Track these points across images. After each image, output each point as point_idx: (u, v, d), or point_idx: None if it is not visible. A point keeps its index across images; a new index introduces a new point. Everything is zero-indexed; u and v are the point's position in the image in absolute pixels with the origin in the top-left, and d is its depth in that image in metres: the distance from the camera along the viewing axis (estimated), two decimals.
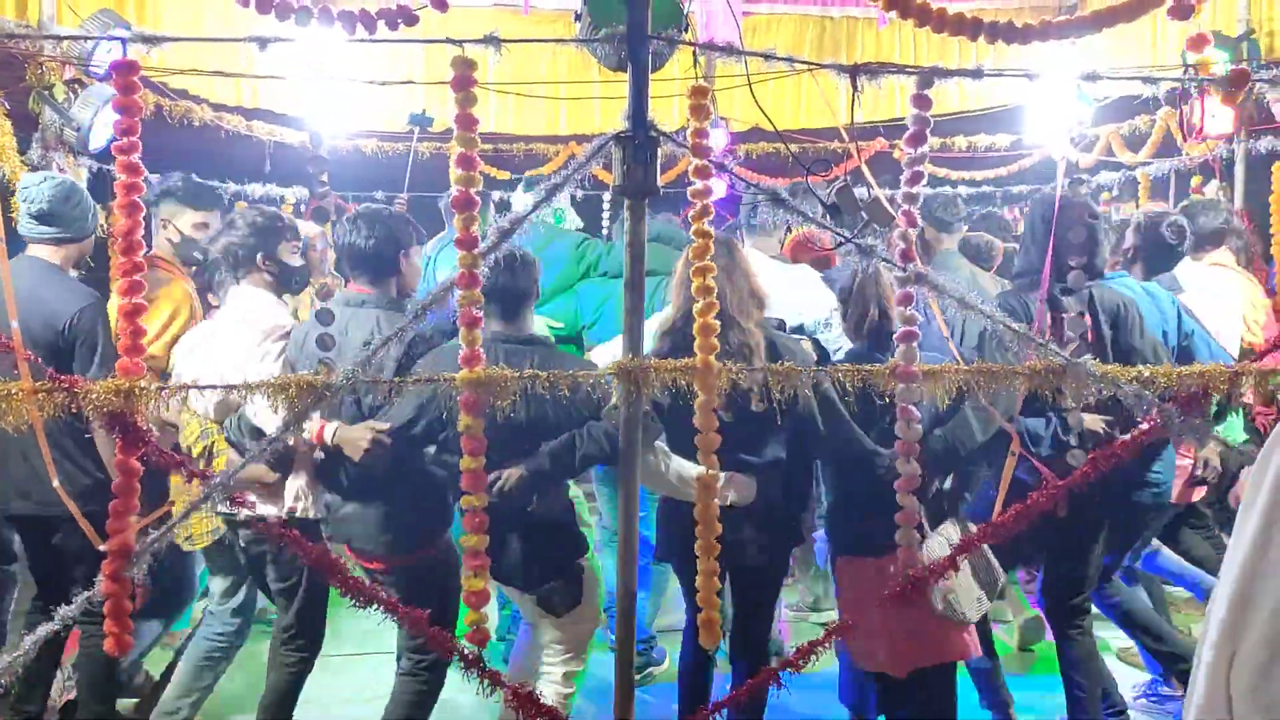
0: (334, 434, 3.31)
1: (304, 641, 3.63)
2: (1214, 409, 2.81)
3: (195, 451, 3.63)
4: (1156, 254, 4.29)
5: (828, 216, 2.90)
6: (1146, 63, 5.83)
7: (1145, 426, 2.90)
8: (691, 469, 3.22)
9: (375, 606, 2.92)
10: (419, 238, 3.72)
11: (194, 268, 4.23)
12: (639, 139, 2.65)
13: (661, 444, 3.31)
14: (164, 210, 4.18)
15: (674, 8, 2.79)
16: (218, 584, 3.94)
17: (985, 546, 3.31)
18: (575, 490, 4.00)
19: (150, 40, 2.64)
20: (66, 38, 3.73)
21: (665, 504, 3.62)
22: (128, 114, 2.52)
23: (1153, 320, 3.74)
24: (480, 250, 2.72)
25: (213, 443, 3.60)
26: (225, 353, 3.50)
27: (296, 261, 3.72)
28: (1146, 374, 2.81)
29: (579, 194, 6.20)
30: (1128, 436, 3.06)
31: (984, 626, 3.77)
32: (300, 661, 3.63)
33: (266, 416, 3.24)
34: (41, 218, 3.59)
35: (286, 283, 3.73)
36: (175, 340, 3.86)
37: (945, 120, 7.04)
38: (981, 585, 3.36)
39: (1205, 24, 4.86)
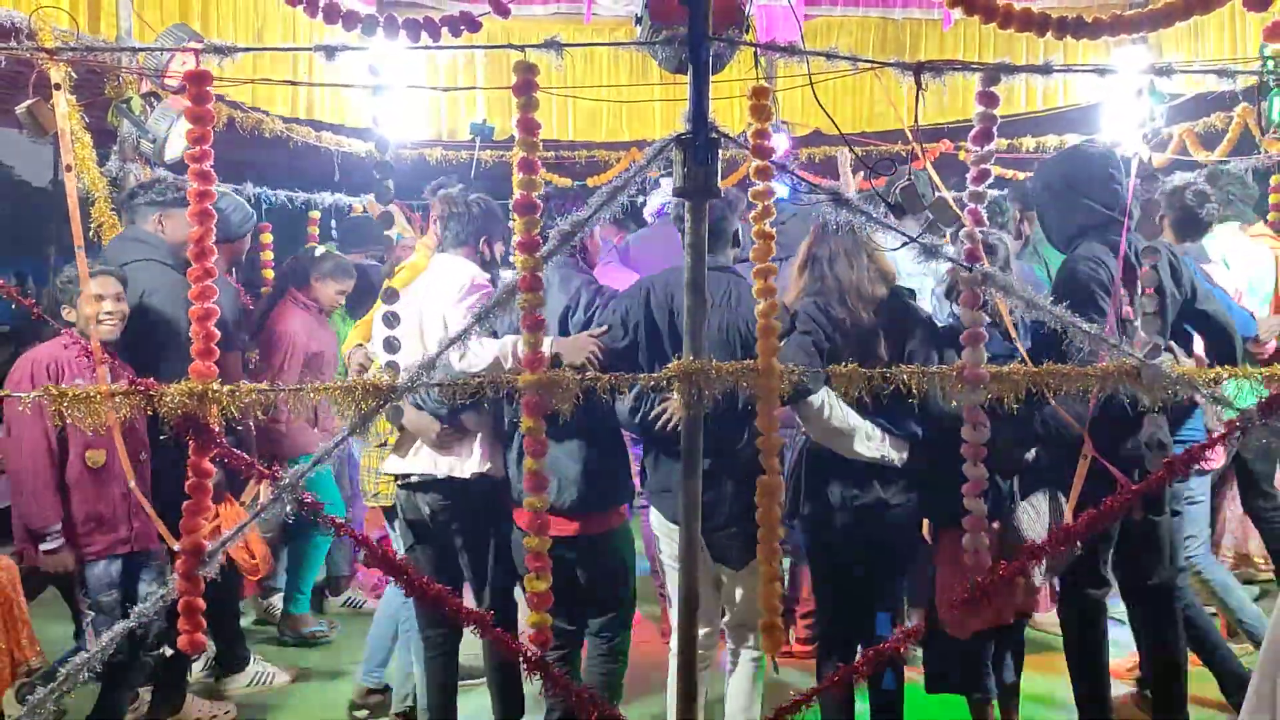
0: (551, 345, 3.35)
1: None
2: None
3: None
4: (1184, 221, 4.38)
5: (891, 216, 2.87)
6: (1220, 62, 5.66)
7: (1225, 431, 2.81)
8: (855, 420, 3.33)
9: (446, 609, 2.95)
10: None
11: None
12: (700, 140, 2.64)
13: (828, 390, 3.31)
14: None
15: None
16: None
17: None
18: None
19: (222, 51, 2.70)
20: (143, 49, 3.84)
21: (802, 461, 3.55)
22: (200, 123, 2.58)
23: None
24: (542, 253, 2.74)
25: None
26: (429, 307, 3.65)
27: (499, 254, 3.96)
28: (1225, 375, 2.73)
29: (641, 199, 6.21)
30: (1206, 441, 2.98)
31: None
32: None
33: (477, 355, 3.38)
34: None
35: (488, 268, 3.89)
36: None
37: (1013, 121, 6.92)
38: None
39: None
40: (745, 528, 3.15)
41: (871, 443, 3.35)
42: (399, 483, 3.80)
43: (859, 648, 3.42)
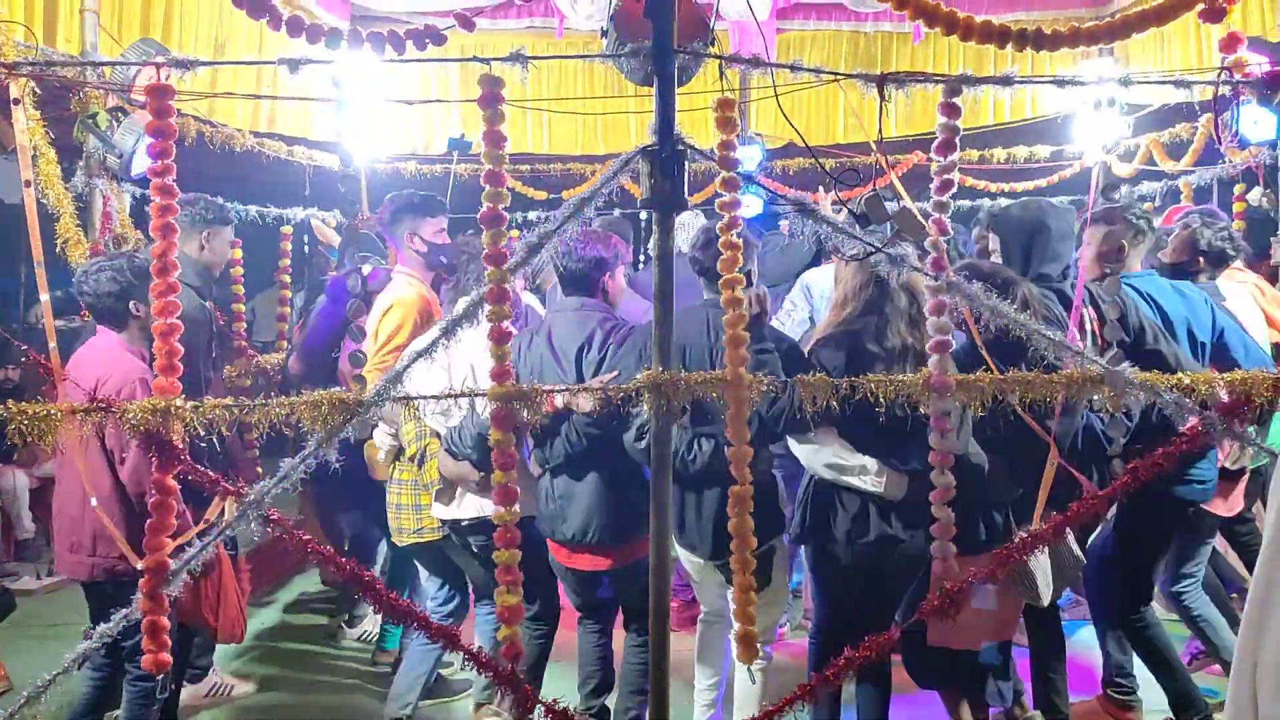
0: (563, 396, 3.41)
1: (545, 620, 4.05)
2: (1257, 414, 2.75)
3: (410, 452, 3.94)
4: (1218, 263, 4.45)
5: (858, 227, 2.88)
6: (1179, 73, 5.73)
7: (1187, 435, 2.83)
8: (851, 456, 3.39)
9: (413, 624, 2.93)
10: (624, 258, 3.99)
11: (436, 272, 4.45)
12: (666, 152, 2.65)
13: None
14: (407, 224, 4.40)
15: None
16: (433, 584, 4.32)
17: (1068, 534, 3.37)
18: None
19: (186, 65, 2.69)
20: (105, 64, 3.82)
21: (811, 487, 3.60)
22: (162, 136, 2.57)
23: (1179, 316, 3.75)
24: (508, 266, 2.74)
25: (426, 445, 3.91)
26: (455, 353, 3.70)
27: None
28: (1187, 381, 2.75)
29: (616, 211, 6.22)
30: (1169, 446, 3.00)
31: None
32: (543, 636, 4.03)
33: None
34: None
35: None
36: (403, 347, 4.02)
37: (983, 133, 6.97)
38: (1060, 572, 3.42)
39: (1245, 32, 4.77)
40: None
41: (866, 478, 3.39)
42: (448, 525, 3.95)
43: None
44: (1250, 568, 4.58)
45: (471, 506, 3.83)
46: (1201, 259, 4.46)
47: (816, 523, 3.53)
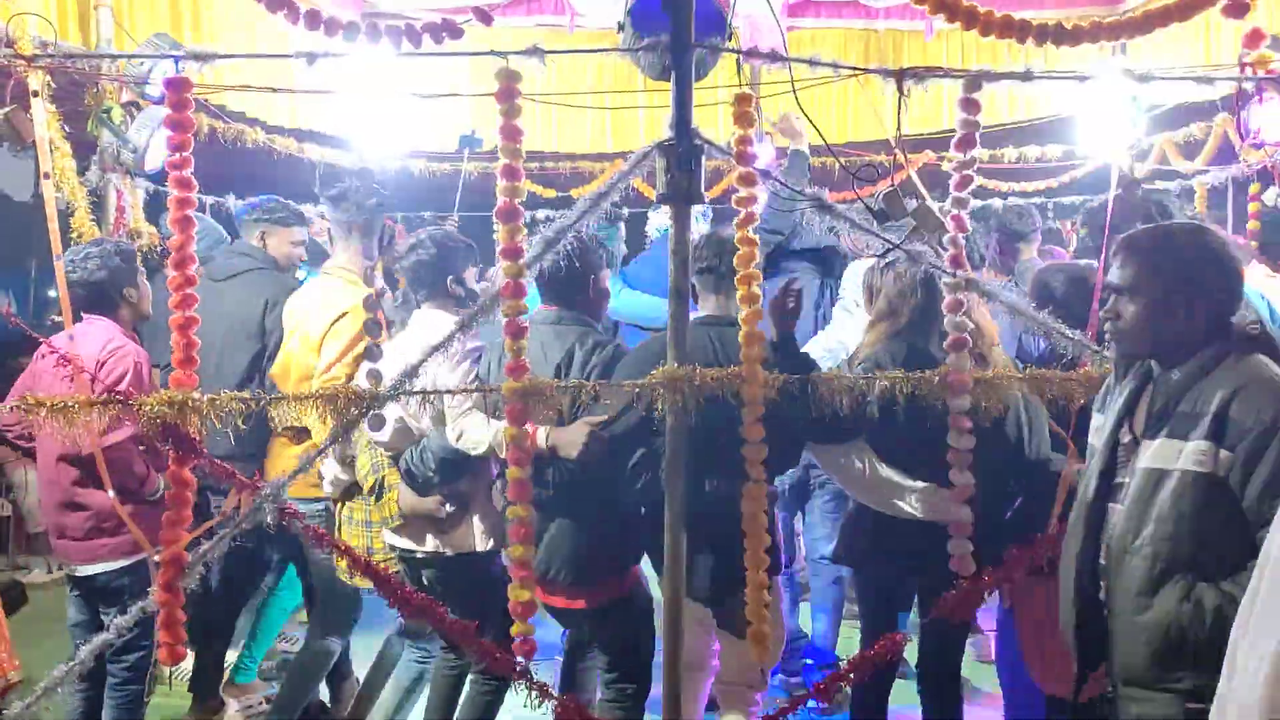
0: (548, 436, 3.08)
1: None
2: None
3: (366, 486, 3.53)
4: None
5: (876, 223, 2.87)
6: (1200, 69, 5.70)
7: None
8: (898, 478, 3.13)
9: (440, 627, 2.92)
10: (605, 262, 3.56)
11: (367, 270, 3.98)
12: (682, 147, 2.65)
13: (865, 445, 3.15)
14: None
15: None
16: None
17: None
18: None
19: (202, 58, 2.69)
20: (122, 56, 3.82)
21: (857, 508, 3.40)
22: (179, 130, 2.56)
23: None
24: (525, 261, 2.73)
25: (383, 477, 3.48)
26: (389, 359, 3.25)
27: (477, 285, 3.57)
28: None
29: (625, 210, 6.21)
30: None
31: None
32: (494, 690, 3.54)
33: (477, 434, 3.14)
34: None
35: (468, 306, 3.40)
36: (359, 360, 3.50)
37: (995, 131, 6.94)
38: None
39: (1265, 29, 4.74)
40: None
41: (916, 504, 3.12)
42: (399, 554, 3.56)
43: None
44: None
45: (429, 541, 3.44)
46: None
47: (856, 541, 3.32)
